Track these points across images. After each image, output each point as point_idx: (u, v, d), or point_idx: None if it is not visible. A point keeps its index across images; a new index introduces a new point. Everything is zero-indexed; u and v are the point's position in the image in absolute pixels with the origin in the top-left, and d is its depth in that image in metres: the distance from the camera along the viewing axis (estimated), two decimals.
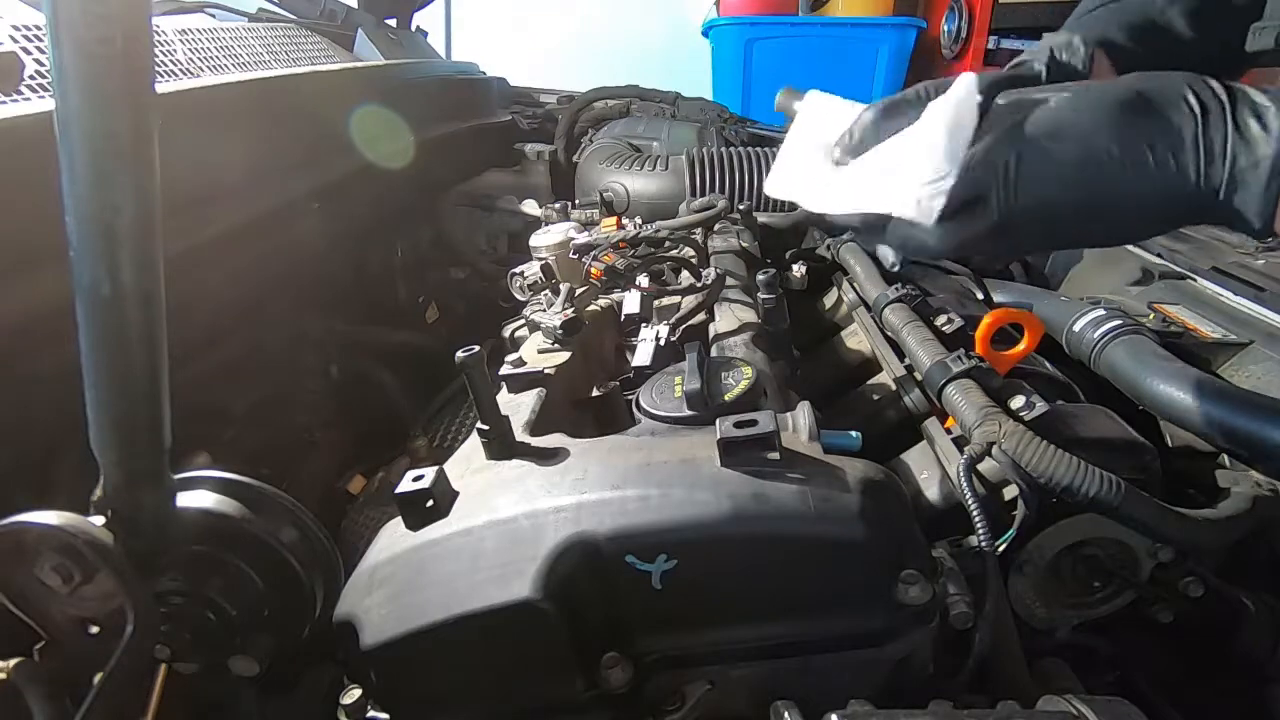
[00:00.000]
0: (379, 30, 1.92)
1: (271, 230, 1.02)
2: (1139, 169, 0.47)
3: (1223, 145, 0.45)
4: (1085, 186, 0.48)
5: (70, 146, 0.39)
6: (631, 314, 0.85)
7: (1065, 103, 0.49)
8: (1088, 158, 0.48)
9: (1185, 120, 0.46)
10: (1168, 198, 0.47)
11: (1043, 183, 0.49)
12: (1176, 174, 0.46)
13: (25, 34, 0.93)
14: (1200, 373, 0.75)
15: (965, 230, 0.50)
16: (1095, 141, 0.47)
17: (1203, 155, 0.45)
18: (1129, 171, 0.47)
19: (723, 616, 0.50)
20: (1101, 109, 0.48)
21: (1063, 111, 0.49)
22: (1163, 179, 0.47)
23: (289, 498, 0.57)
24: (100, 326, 0.42)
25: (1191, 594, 0.67)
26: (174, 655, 0.54)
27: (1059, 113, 0.49)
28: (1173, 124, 0.46)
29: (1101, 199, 0.49)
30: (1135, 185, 0.48)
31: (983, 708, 0.45)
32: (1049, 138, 0.48)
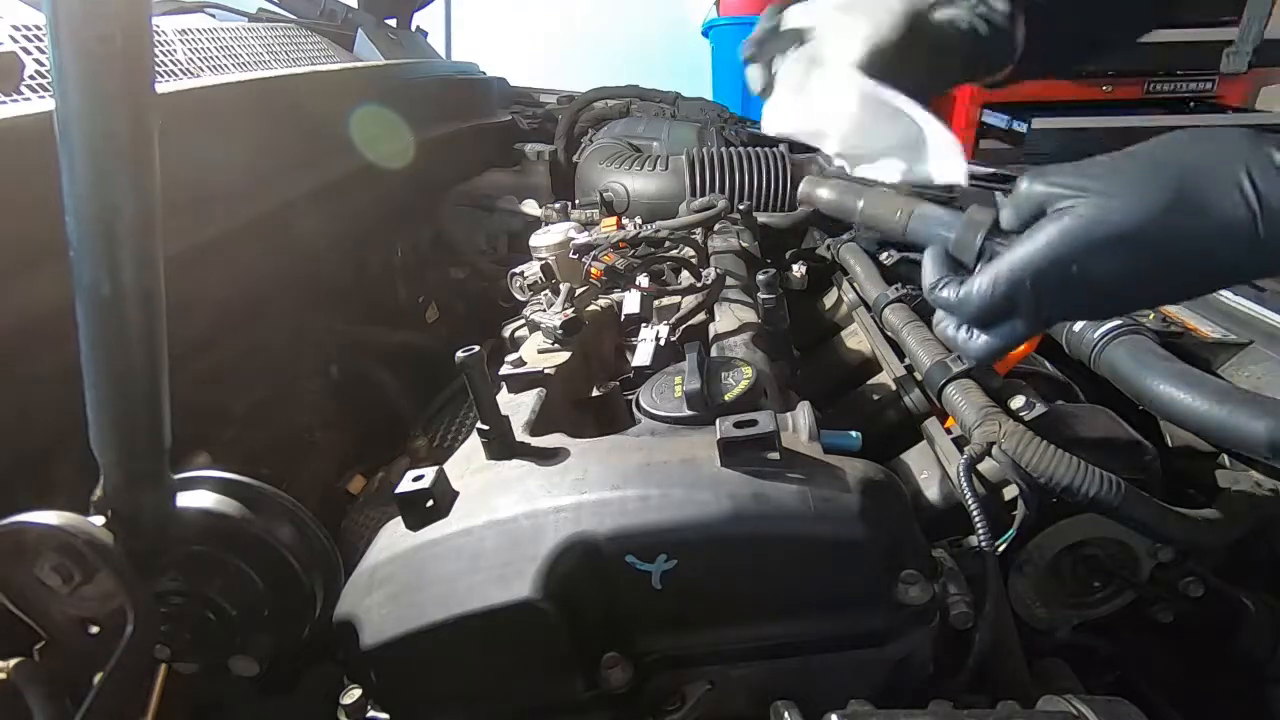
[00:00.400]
0: (379, 30, 1.92)
1: (271, 230, 1.02)
2: (1192, 273, 0.43)
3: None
4: (1123, 302, 0.46)
5: (70, 146, 0.39)
6: (631, 314, 0.85)
7: (1095, 216, 0.42)
8: (1124, 285, 0.43)
9: (1240, 219, 0.40)
10: (1230, 281, 0.45)
11: (1075, 305, 0.46)
12: (1232, 276, 0.43)
13: (25, 34, 0.93)
14: (1200, 373, 0.75)
15: (996, 342, 0.48)
16: (1135, 265, 0.42)
17: (1268, 246, 0.40)
18: (1174, 288, 0.44)
19: (723, 616, 0.50)
20: (1140, 214, 0.41)
21: (1094, 230, 0.42)
22: (1225, 274, 0.43)
23: (289, 498, 0.57)
24: (100, 326, 0.42)
25: (1191, 594, 0.67)
26: (174, 655, 0.53)
27: (1090, 232, 0.42)
28: (1230, 220, 0.40)
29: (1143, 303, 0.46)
30: (1189, 283, 0.44)
31: (983, 708, 0.45)
32: (1080, 265, 0.43)
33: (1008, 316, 0.47)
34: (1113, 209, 0.42)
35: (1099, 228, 0.42)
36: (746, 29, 2.03)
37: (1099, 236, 0.42)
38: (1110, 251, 0.42)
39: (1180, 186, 0.41)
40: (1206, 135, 0.43)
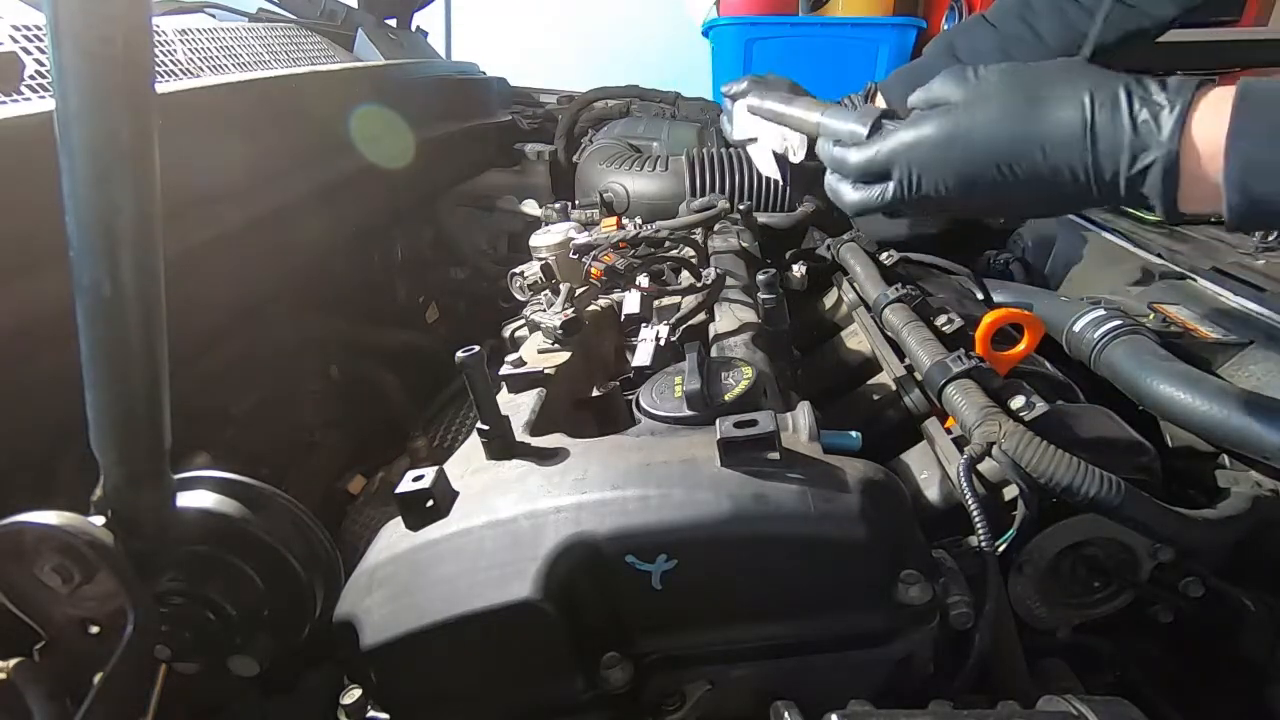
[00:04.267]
0: (379, 30, 1.92)
1: (271, 230, 1.02)
2: (1030, 177, 0.52)
3: (1116, 145, 0.48)
4: (977, 190, 0.55)
5: (70, 146, 0.39)
6: (631, 314, 0.85)
7: (962, 109, 0.54)
8: (981, 169, 0.53)
9: (1073, 129, 0.49)
10: (1060, 197, 0.53)
11: (937, 183, 0.56)
12: (1068, 179, 0.51)
13: (25, 34, 0.93)
14: (1200, 373, 0.75)
15: (869, 198, 0.61)
16: (990, 149, 0.53)
17: (1096, 156, 0.49)
18: (1020, 178, 0.53)
19: (723, 616, 0.50)
20: (997, 112, 0.52)
21: (959, 118, 0.54)
22: (1053, 182, 0.51)
23: (289, 498, 0.57)
24: (100, 327, 0.42)
25: (1191, 594, 0.67)
26: (174, 655, 0.53)
27: (955, 119, 0.54)
28: (1064, 125, 0.50)
29: (995, 198, 0.55)
30: (1025, 191, 0.53)
31: (983, 708, 0.45)
32: (943, 147, 0.55)
33: (883, 180, 0.59)
34: (976, 109, 0.53)
35: (963, 122, 0.54)
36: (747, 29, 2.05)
37: (962, 128, 0.54)
38: (969, 139, 0.53)
39: (1032, 95, 0.52)
40: (1076, 63, 0.53)
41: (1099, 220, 1.30)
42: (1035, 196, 0.55)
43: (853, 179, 0.62)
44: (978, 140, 0.53)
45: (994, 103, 0.53)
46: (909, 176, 0.57)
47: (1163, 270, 1.07)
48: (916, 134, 0.56)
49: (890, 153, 0.58)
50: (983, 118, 0.53)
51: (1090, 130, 0.49)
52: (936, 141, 0.55)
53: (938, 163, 0.55)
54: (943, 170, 0.55)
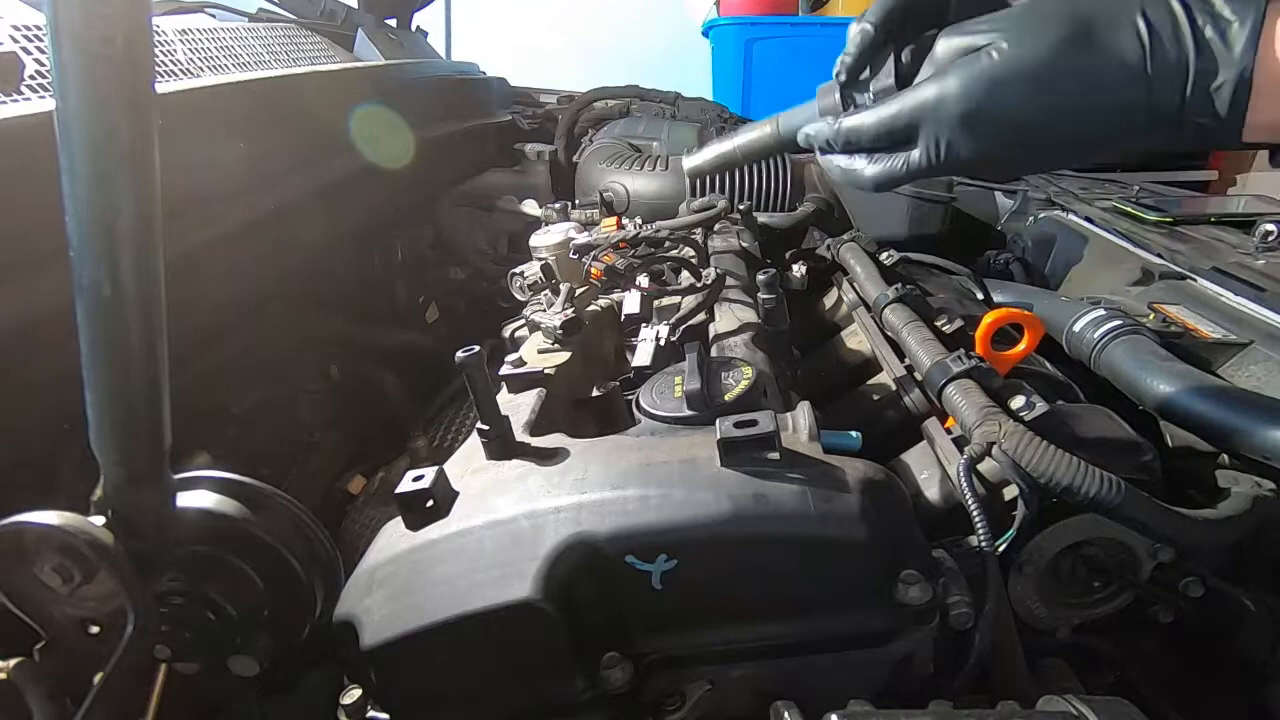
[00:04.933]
0: (379, 30, 1.92)
1: (271, 230, 1.02)
2: (1081, 120, 0.45)
3: (1181, 70, 0.42)
4: (1018, 142, 0.47)
5: (70, 147, 0.39)
6: (631, 314, 0.85)
7: (1004, 55, 0.45)
8: (1023, 117, 0.46)
9: (1131, 53, 0.43)
10: (1110, 139, 0.46)
11: (971, 139, 0.48)
12: (1125, 117, 0.44)
13: (25, 34, 0.93)
14: (1200, 373, 0.75)
15: (893, 169, 0.52)
16: (1034, 94, 0.45)
17: (1156, 86, 0.43)
18: (1068, 123, 0.46)
19: (723, 616, 0.50)
20: (1043, 51, 0.44)
21: (995, 63, 0.45)
22: (1106, 123, 0.45)
23: (289, 498, 0.57)
24: (100, 327, 0.42)
25: (1191, 594, 0.67)
26: (174, 655, 0.53)
27: (992, 64, 0.45)
28: (1121, 55, 0.43)
29: (1036, 150, 0.48)
30: (1073, 138, 0.46)
31: (983, 708, 0.45)
32: (979, 97, 0.46)
33: (905, 145, 0.50)
34: (1017, 48, 0.45)
35: (1002, 65, 0.45)
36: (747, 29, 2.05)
37: (1001, 73, 0.45)
38: (1012, 88, 0.45)
39: (1078, 24, 0.44)
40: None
41: (1099, 220, 1.30)
42: (1082, 143, 0.48)
43: (869, 149, 0.53)
44: (1017, 85, 0.45)
45: (1031, 39, 0.45)
46: (938, 137, 0.48)
47: (1163, 270, 1.07)
48: (941, 86, 0.47)
49: (915, 110, 0.49)
50: (1020, 57, 0.45)
51: (1148, 58, 0.42)
52: (970, 91, 0.46)
53: (972, 116, 0.47)
54: (979, 124, 0.47)
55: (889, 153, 0.52)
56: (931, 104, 0.48)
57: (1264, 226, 1.10)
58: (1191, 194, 1.60)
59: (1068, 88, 0.45)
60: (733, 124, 1.93)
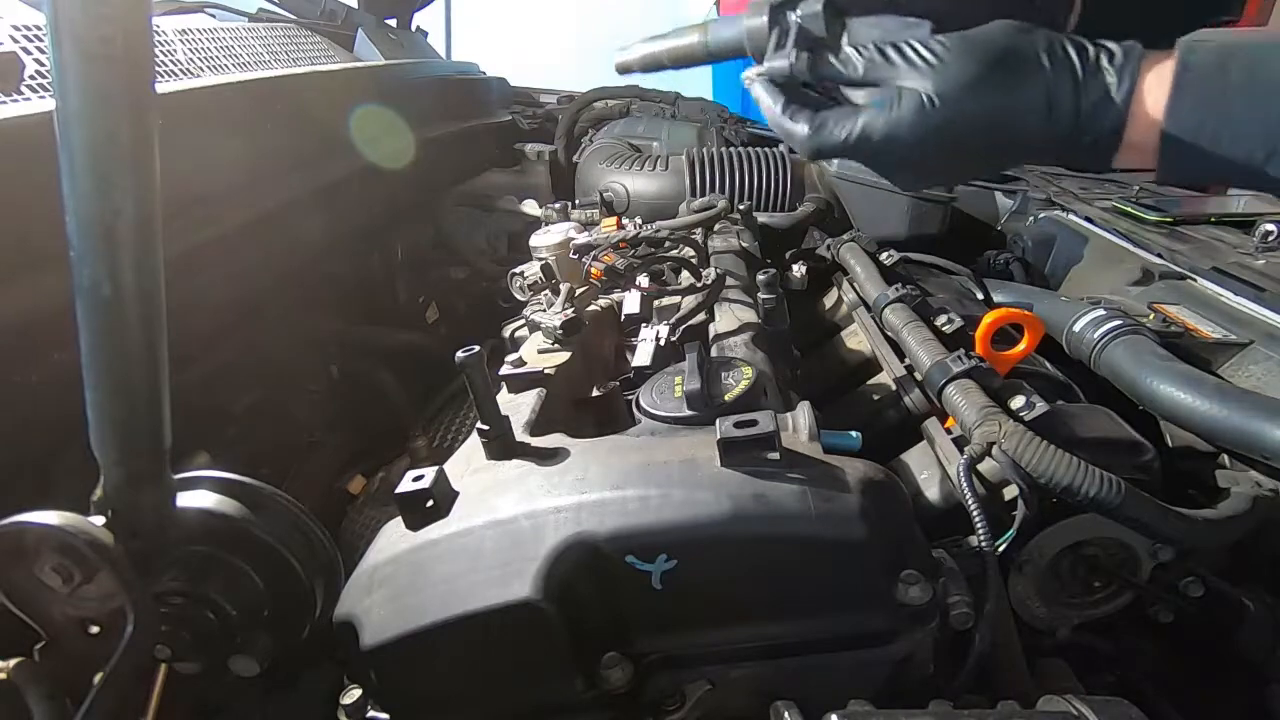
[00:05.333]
0: (379, 30, 1.92)
1: (271, 230, 1.02)
2: (1002, 150, 0.55)
3: (1073, 105, 0.51)
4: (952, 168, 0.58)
5: (70, 147, 0.39)
6: (631, 314, 0.85)
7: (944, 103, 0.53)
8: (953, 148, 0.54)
9: (1040, 97, 0.52)
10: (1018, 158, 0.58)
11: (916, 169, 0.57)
12: (1031, 147, 0.54)
13: (25, 34, 0.93)
14: (1200, 373, 0.75)
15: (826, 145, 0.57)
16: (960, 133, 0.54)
17: (1054, 131, 0.52)
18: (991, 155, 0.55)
19: (723, 616, 0.50)
20: (973, 101, 0.53)
21: (933, 108, 0.53)
22: (1018, 149, 0.55)
23: (289, 498, 0.57)
24: (100, 327, 0.42)
25: (1191, 594, 0.67)
26: (174, 655, 0.53)
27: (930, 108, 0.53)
28: (1031, 99, 0.52)
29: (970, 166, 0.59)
30: (987, 157, 0.56)
31: (983, 708, 0.45)
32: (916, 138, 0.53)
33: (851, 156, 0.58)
34: (949, 94, 0.53)
35: (938, 109, 0.53)
36: None
37: (936, 117, 0.53)
38: (945, 127, 0.53)
39: (1000, 71, 0.52)
40: (1018, 26, 0.54)
41: (1099, 220, 1.30)
42: (996, 161, 0.57)
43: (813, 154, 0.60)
44: (957, 123, 0.53)
45: (965, 89, 0.53)
46: (879, 158, 0.57)
47: (1163, 270, 1.07)
48: (888, 125, 0.54)
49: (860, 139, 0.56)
50: (958, 100, 0.53)
51: (1050, 105, 0.52)
52: (914, 135, 0.54)
53: (914, 151, 0.55)
54: (919, 158, 0.56)
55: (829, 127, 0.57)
56: (880, 134, 0.55)
57: (1264, 226, 1.10)
58: (1191, 194, 1.60)
59: (992, 123, 0.53)
60: (733, 124, 1.94)
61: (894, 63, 0.54)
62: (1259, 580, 0.69)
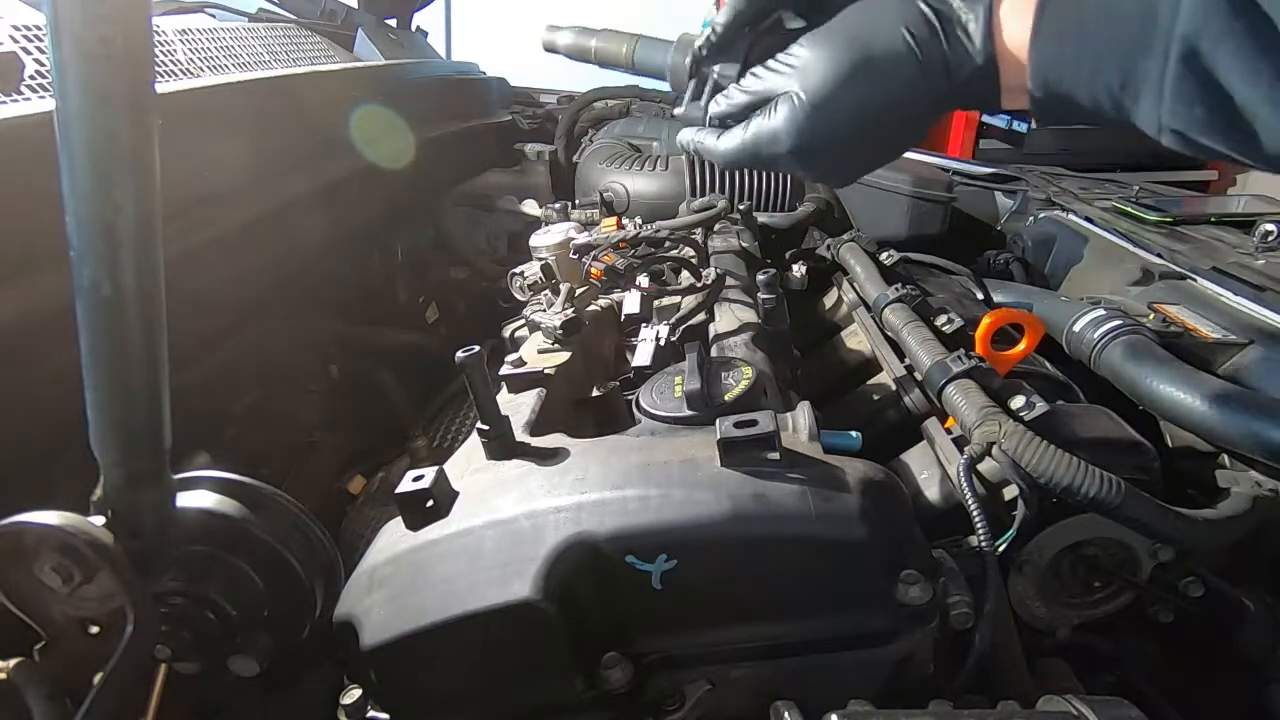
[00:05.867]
0: (379, 30, 1.92)
1: (271, 230, 1.02)
2: (885, 119, 0.55)
3: (943, 62, 0.52)
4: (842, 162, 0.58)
5: (70, 147, 0.39)
6: (631, 314, 0.85)
7: (809, 99, 0.55)
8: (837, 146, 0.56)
9: (908, 58, 0.52)
10: (917, 118, 0.55)
11: (808, 167, 0.58)
12: (916, 103, 0.54)
13: (25, 34, 0.93)
14: (1200, 373, 0.75)
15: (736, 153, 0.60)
16: (839, 126, 0.55)
17: (929, 79, 0.52)
18: (879, 126, 0.55)
19: (723, 616, 0.50)
20: (837, 88, 0.54)
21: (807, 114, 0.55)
22: (910, 111, 0.55)
23: (289, 498, 0.57)
24: (100, 327, 0.42)
25: (1191, 594, 0.67)
26: (174, 655, 0.53)
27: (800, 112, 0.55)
28: (901, 65, 0.52)
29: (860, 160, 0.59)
30: (891, 130, 0.56)
31: (983, 708, 0.45)
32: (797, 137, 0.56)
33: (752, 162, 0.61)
34: (813, 90, 0.54)
35: (806, 107, 0.55)
36: None
37: (807, 115, 0.55)
38: (819, 122, 0.55)
39: (858, 54, 0.53)
40: (871, 5, 0.55)
41: (1099, 220, 1.30)
42: (889, 138, 0.58)
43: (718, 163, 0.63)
44: (826, 120, 0.55)
45: (824, 80, 0.54)
46: (775, 158, 0.58)
47: (1163, 270, 1.07)
48: (772, 129, 0.57)
49: (754, 142, 0.59)
50: (820, 98, 0.54)
51: (920, 59, 0.52)
52: (791, 133, 0.56)
53: (798, 148, 0.56)
54: (805, 152, 0.57)
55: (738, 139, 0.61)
56: (766, 139, 0.58)
57: (1264, 226, 1.10)
58: (1191, 194, 1.60)
59: (865, 109, 0.55)
60: None
61: (768, 77, 0.57)
62: (1259, 580, 0.69)
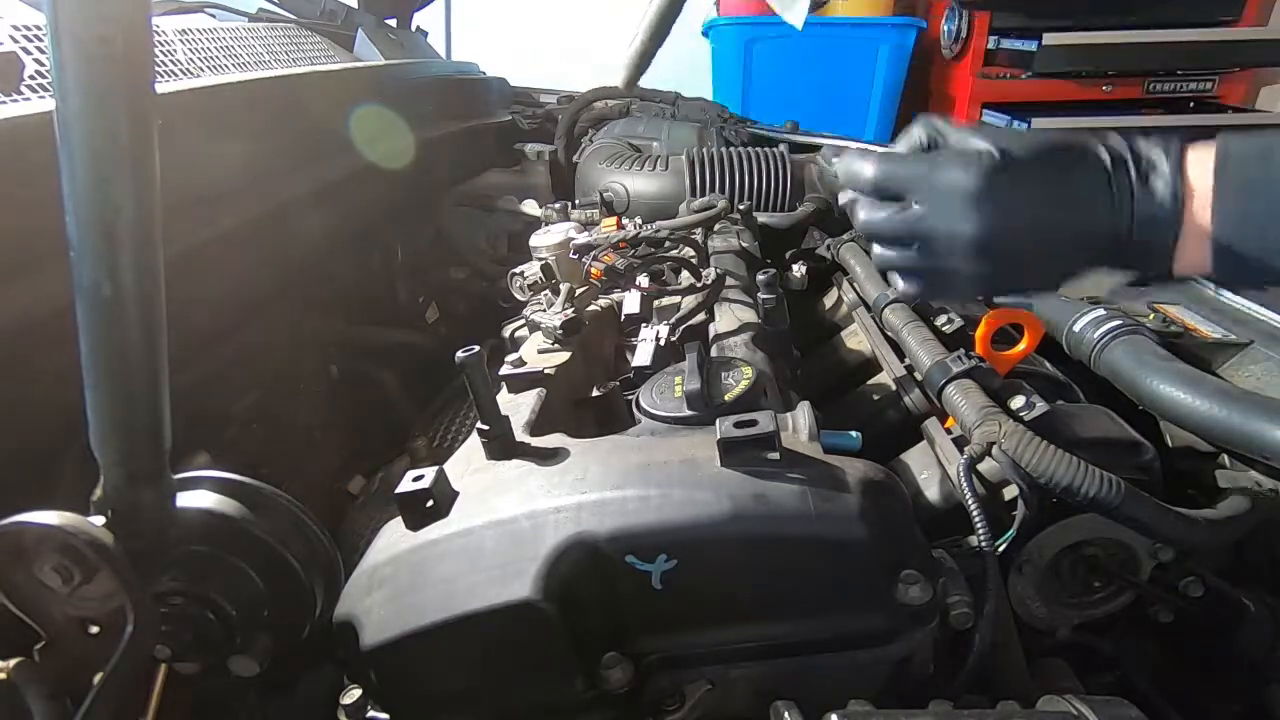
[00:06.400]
0: (379, 30, 1.92)
1: (271, 230, 1.02)
2: (1064, 211, 0.52)
3: (1129, 197, 0.51)
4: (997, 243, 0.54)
5: (70, 146, 0.39)
6: (631, 314, 0.85)
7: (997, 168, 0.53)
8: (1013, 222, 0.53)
9: (1101, 186, 0.51)
10: (1086, 235, 0.53)
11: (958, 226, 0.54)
12: (1092, 218, 0.52)
13: (25, 34, 0.93)
14: (1200, 373, 0.75)
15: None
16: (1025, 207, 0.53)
17: (1115, 203, 0.51)
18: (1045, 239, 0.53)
19: (723, 616, 0.50)
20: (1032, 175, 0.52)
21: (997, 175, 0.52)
22: (1082, 221, 0.52)
23: (289, 498, 0.57)
24: (100, 327, 0.42)
25: (1191, 594, 0.67)
26: (174, 655, 0.53)
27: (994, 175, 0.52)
28: (1091, 189, 0.51)
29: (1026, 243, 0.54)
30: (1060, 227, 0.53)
31: (983, 708, 0.45)
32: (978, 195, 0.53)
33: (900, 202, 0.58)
34: (1010, 145, 0.53)
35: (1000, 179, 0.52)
36: (747, 29, 2.05)
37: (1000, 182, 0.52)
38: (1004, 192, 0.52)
39: (1058, 149, 0.53)
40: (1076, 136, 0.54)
41: None
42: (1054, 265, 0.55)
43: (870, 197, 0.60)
44: (1014, 196, 0.53)
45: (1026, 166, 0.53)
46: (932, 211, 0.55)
47: None
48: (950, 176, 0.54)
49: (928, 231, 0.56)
50: (1018, 177, 0.53)
51: (1112, 196, 0.51)
52: (973, 188, 0.53)
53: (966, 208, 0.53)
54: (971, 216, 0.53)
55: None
56: (944, 235, 0.54)
57: None
58: None
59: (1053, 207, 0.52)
60: (733, 124, 1.93)
61: None
62: (1259, 580, 0.69)
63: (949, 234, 0.54)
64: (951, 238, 0.54)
